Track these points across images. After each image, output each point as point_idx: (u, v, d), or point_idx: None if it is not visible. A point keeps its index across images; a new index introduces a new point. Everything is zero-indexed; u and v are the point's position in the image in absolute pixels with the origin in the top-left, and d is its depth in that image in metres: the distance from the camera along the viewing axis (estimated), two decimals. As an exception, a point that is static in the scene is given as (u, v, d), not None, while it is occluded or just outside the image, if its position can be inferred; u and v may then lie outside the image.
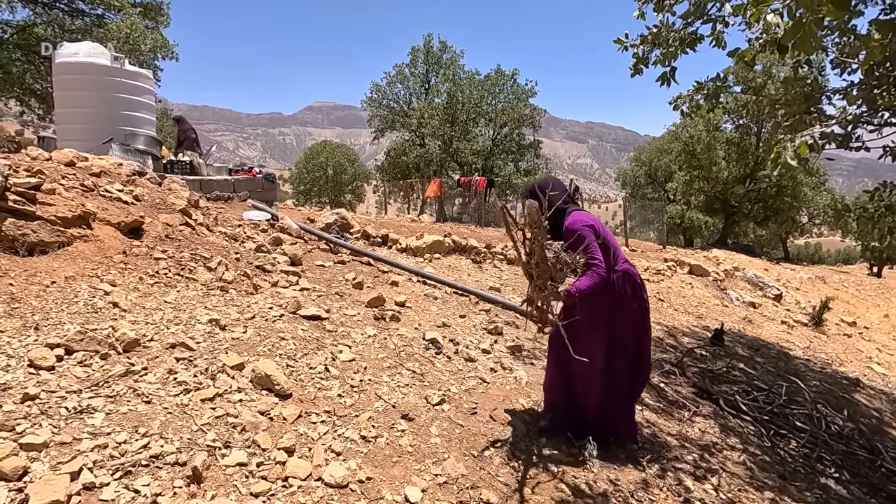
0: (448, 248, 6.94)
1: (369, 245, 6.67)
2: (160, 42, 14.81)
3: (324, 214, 6.96)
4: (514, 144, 27.48)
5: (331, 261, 5.36)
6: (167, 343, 2.39)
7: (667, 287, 8.16)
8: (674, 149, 37.92)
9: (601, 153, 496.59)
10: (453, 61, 26.67)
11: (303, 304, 3.59)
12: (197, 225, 4.65)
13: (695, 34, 3.60)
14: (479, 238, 8.36)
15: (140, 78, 6.37)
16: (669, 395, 3.73)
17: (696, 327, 6.29)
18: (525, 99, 26.45)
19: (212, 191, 6.43)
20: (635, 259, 9.69)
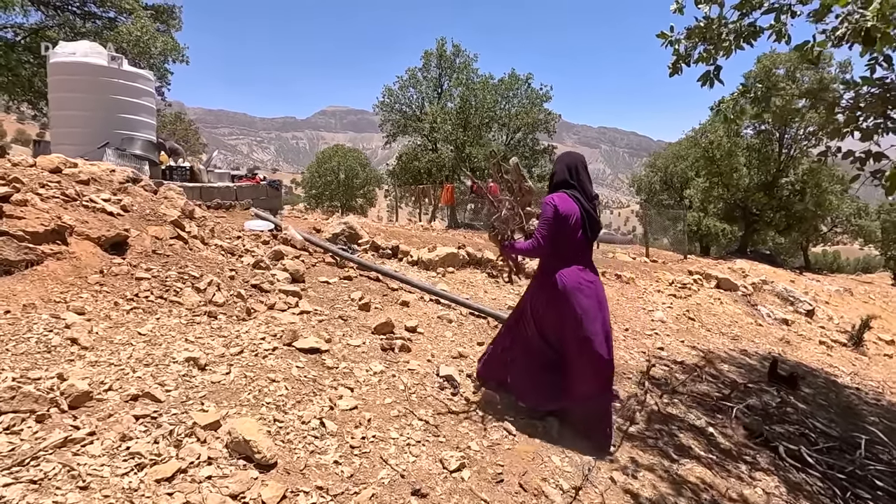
0: (462, 260, 6.49)
1: (378, 257, 6.24)
2: (171, 45, 14.60)
3: (331, 224, 6.55)
4: (527, 150, 27.00)
5: (336, 276, 4.94)
6: (129, 393, 1.97)
7: (695, 304, 7.62)
8: (690, 155, 37.25)
9: (613, 158, 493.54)
10: (466, 65, 26.31)
11: (301, 332, 3.16)
12: (190, 238, 4.26)
13: (753, 26, 3.13)
14: (495, 249, 7.90)
15: (139, 79, 6.04)
16: (721, 442, 3.23)
17: (734, 351, 5.76)
18: (539, 103, 25.99)
19: (212, 198, 6.06)
20: (659, 271, 9.17)
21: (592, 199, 2.71)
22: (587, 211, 2.63)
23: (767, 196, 22.83)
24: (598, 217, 2.70)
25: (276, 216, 6.72)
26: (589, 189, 2.71)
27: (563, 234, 2.58)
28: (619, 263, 9.15)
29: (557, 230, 2.56)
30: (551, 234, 2.58)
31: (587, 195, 2.68)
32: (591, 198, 2.71)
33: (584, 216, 2.61)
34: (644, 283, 8.22)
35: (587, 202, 2.66)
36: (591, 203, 2.69)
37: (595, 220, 2.67)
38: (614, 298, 6.81)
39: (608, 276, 7.96)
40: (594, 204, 2.70)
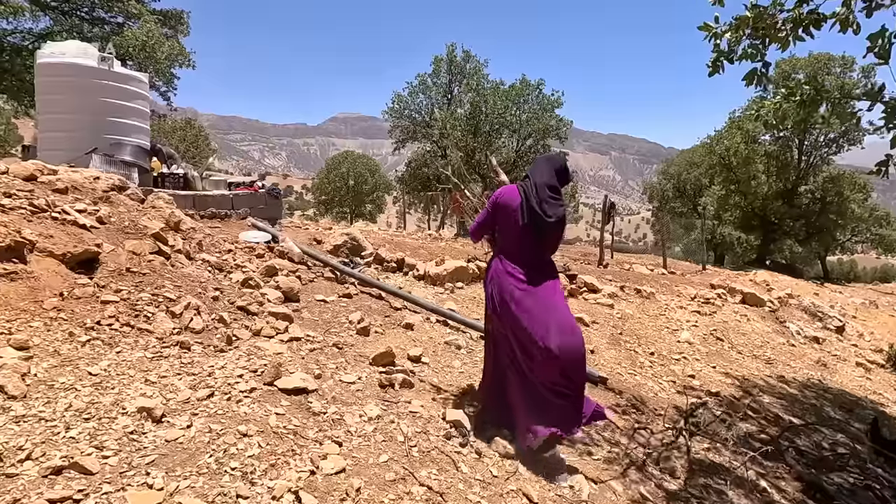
0: (472, 275, 6.06)
1: (382, 271, 5.83)
2: (177, 50, 14.40)
3: (332, 235, 6.16)
4: (538, 156, 26.57)
5: (335, 294, 4.53)
6: (51, 465, 1.55)
7: (722, 321, 7.11)
8: (704, 162, 36.64)
9: (623, 165, 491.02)
10: (477, 71, 25.97)
11: (286, 366, 2.74)
12: (173, 253, 3.87)
13: (816, 14, 2.68)
14: (507, 262, 7.46)
15: (131, 81, 5.70)
16: (775, 499, 2.75)
17: (770, 378, 5.25)
18: (550, 109, 25.56)
19: (206, 207, 5.69)
20: (680, 285, 8.65)
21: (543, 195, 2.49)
22: (530, 204, 2.47)
23: (787, 205, 22.17)
24: (546, 214, 2.47)
25: (276, 226, 6.34)
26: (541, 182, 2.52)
27: (502, 224, 2.58)
28: (637, 276, 8.65)
29: (494, 217, 2.60)
30: (484, 219, 2.66)
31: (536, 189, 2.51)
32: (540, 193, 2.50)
33: (523, 208, 2.48)
34: (665, 299, 7.72)
35: (536, 196, 2.49)
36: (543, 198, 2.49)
37: (537, 215, 2.46)
38: (636, 316, 6.33)
39: (627, 291, 7.48)
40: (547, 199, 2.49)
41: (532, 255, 2.57)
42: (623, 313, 6.26)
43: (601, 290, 6.85)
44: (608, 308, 6.32)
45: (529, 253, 2.56)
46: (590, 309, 6.08)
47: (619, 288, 7.45)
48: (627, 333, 5.47)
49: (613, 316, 6.02)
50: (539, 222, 2.46)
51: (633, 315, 6.34)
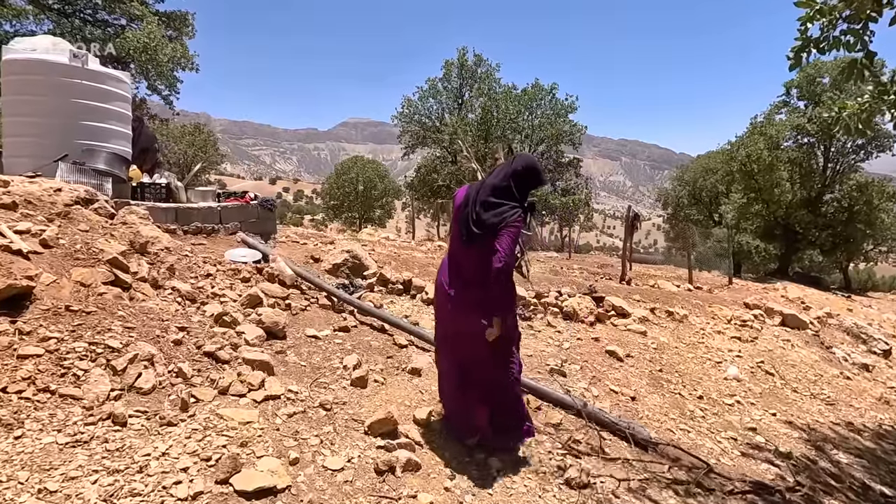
0: (488, 298, 5.37)
1: (387, 294, 5.17)
2: (179, 52, 13.93)
3: (332, 252, 5.52)
4: (551, 162, 25.84)
5: (329, 326, 3.87)
6: None
7: (766, 350, 6.35)
8: (721, 168, 35.62)
9: (634, 171, 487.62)
10: (489, 75, 25.36)
11: (253, 445, 2.08)
12: (135, 282, 3.23)
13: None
14: (525, 280, 6.76)
15: (108, 80, 5.11)
16: None
17: (838, 425, 4.50)
18: (564, 115, 24.87)
19: (191, 221, 5.07)
20: (713, 305, 7.89)
21: (481, 200, 2.33)
22: (466, 204, 2.36)
23: (812, 213, 21.21)
24: (473, 214, 2.31)
25: (270, 241, 5.71)
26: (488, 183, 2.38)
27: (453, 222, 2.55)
28: (665, 296, 7.91)
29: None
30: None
31: (478, 193, 2.37)
32: (480, 197, 2.34)
33: (462, 206, 2.38)
34: (700, 322, 6.98)
35: (474, 198, 2.36)
36: (477, 202, 2.34)
37: (465, 215, 2.34)
38: (672, 345, 5.61)
39: (658, 314, 6.75)
40: (483, 204, 2.32)
41: (461, 252, 2.41)
42: (658, 342, 5.54)
43: (631, 315, 6.13)
44: (640, 336, 5.61)
45: (456, 263, 2.43)
46: (621, 338, 5.37)
47: (649, 311, 6.72)
48: (668, 370, 4.75)
49: (648, 347, 5.29)
50: (465, 230, 2.32)
51: (668, 344, 5.62)
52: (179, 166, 35.47)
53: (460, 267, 2.43)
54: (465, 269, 2.40)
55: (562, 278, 7.92)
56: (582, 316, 5.65)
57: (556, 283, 7.02)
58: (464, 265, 2.41)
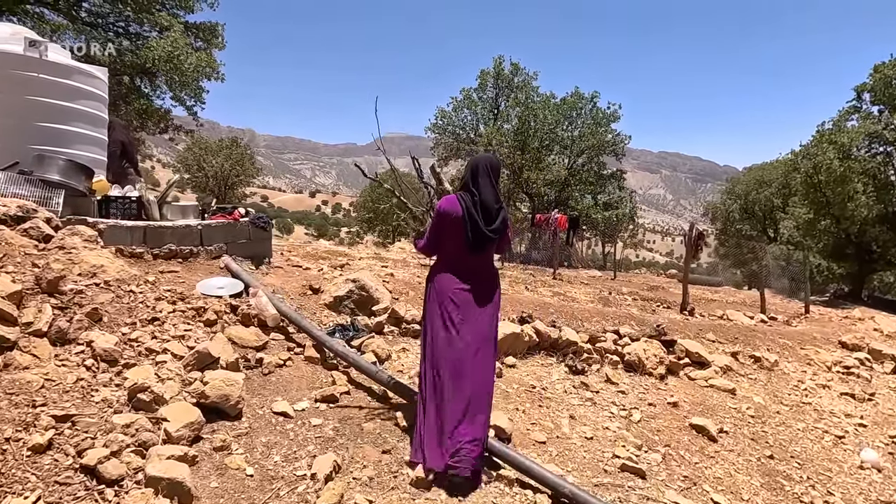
0: (528, 343, 4.21)
1: (400, 336, 4.08)
2: (204, 61, 13.47)
3: (336, 282, 4.48)
4: (592, 174, 24.38)
5: (309, 395, 2.82)
6: None
7: (890, 411, 4.89)
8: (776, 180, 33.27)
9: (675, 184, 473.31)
10: (526, 84, 24.25)
11: None
12: (22, 337, 2.26)
13: None
14: (572, 315, 5.54)
15: (75, 75, 4.30)
16: None
17: None
18: (606, 124, 23.44)
19: (163, 243, 4.15)
20: (805, 346, 6.42)
21: (487, 206, 2.42)
22: (470, 214, 2.39)
23: (892, 230, 18.94)
24: (484, 225, 2.39)
25: (263, 266, 4.73)
26: (484, 193, 2.43)
27: (444, 234, 2.49)
28: (743, 333, 6.49)
29: (439, 229, 2.51)
30: (433, 233, 2.56)
31: (480, 200, 2.42)
32: (485, 204, 2.42)
33: (465, 218, 2.39)
34: (794, 370, 5.58)
35: (476, 206, 2.41)
36: (483, 209, 2.41)
37: (477, 227, 2.38)
38: (770, 408, 4.27)
39: (742, 360, 5.39)
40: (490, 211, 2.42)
41: (472, 265, 2.51)
42: (753, 405, 4.21)
43: (711, 364, 4.82)
44: (729, 396, 4.29)
45: (468, 263, 2.50)
46: (705, 400, 4.08)
47: (730, 356, 5.37)
48: (779, 453, 3.44)
49: (743, 413, 3.98)
50: (477, 233, 2.41)
51: (766, 407, 4.28)
52: (217, 179, 35.96)
53: (469, 270, 2.50)
54: (477, 270, 2.52)
55: (615, 311, 6.63)
56: (650, 367, 4.39)
57: (611, 318, 5.76)
58: (473, 267, 2.51)
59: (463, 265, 2.48)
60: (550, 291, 7.82)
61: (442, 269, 2.53)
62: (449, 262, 2.52)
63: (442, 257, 2.57)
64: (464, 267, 2.48)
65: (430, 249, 2.60)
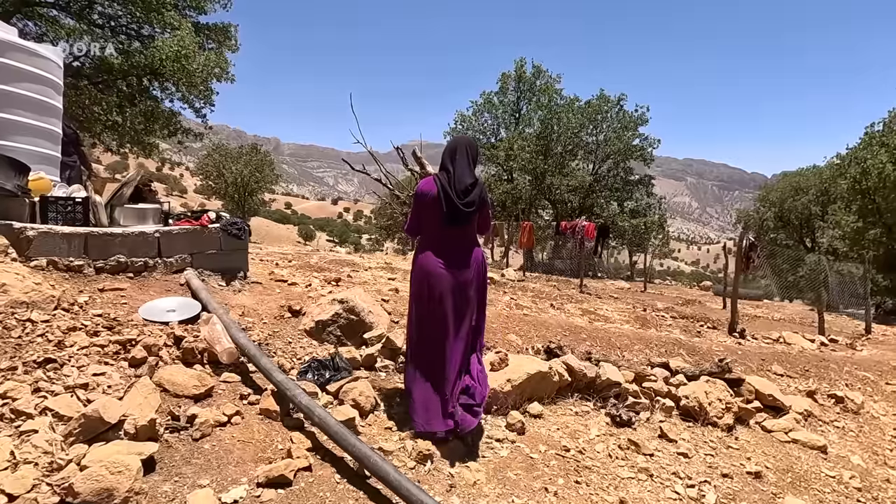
0: (556, 384, 3.31)
1: (396, 373, 3.24)
2: (213, 61, 12.97)
3: (321, 302, 3.65)
4: (618, 180, 23.26)
5: (255, 471, 1.98)
6: None
7: None
8: (813, 187, 31.63)
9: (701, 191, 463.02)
10: (549, 87, 23.33)
11: None
12: None
13: None
14: (609, 342, 4.61)
15: (14, 53, 3.61)
16: None
17: None
18: (633, 128, 22.34)
19: (110, 255, 3.40)
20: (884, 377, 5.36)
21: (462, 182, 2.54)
22: (445, 191, 2.51)
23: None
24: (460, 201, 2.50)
25: (236, 281, 3.94)
26: (458, 170, 2.56)
27: (424, 214, 2.61)
28: (813, 363, 5.45)
29: (419, 209, 2.62)
30: (413, 213, 2.67)
31: (455, 177, 2.54)
32: (460, 180, 2.54)
33: (440, 195, 2.51)
34: (884, 411, 4.54)
35: (451, 183, 2.53)
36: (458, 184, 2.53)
37: (451, 201, 2.50)
38: (878, 476, 3.27)
39: (821, 400, 4.39)
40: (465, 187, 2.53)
41: (451, 242, 2.61)
42: (853, 468, 3.22)
43: (787, 408, 3.84)
44: (819, 455, 3.32)
45: (447, 240, 2.60)
46: (792, 464, 3.11)
47: (806, 396, 4.36)
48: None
49: (846, 484, 3.00)
50: (453, 210, 2.51)
51: (870, 472, 3.28)
52: (236, 185, 35.88)
53: (450, 246, 2.60)
54: (457, 246, 2.62)
55: (657, 334, 5.66)
56: (714, 415, 3.44)
57: (655, 345, 4.81)
58: (453, 243, 2.61)
59: (444, 241, 2.60)
60: (579, 309, 6.88)
61: (425, 248, 2.63)
62: (431, 240, 2.62)
63: (424, 237, 2.66)
64: (445, 243, 2.60)
65: (413, 230, 2.71)
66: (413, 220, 2.68)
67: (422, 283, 2.60)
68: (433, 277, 2.56)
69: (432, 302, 2.56)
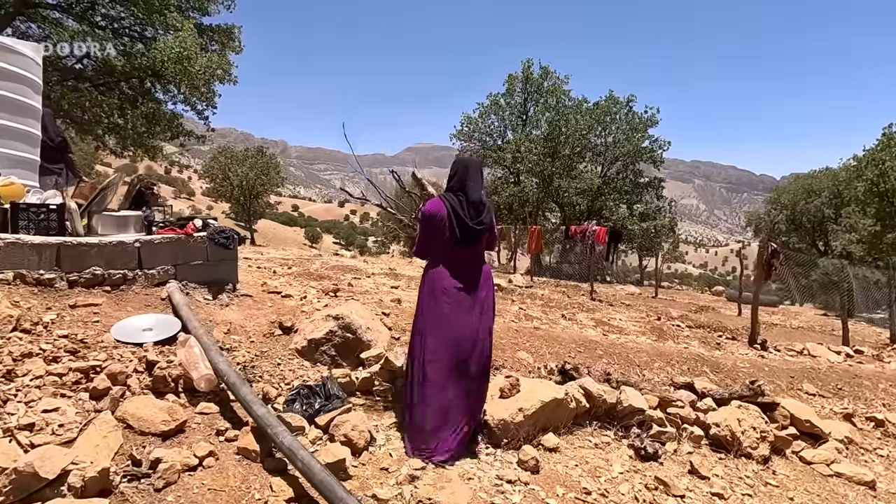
0: (573, 411, 2.98)
1: (395, 395, 2.93)
2: (215, 62, 12.75)
3: (315, 318, 3.35)
4: (627, 183, 22.83)
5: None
6: None
7: None
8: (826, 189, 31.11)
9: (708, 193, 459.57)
10: (556, 88, 22.97)
11: None
12: None
13: None
14: (627, 359, 4.27)
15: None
16: None
17: None
18: (643, 129, 21.92)
19: (84, 267, 3.12)
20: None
21: (475, 204, 2.55)
22: (455, 212, 2.51)
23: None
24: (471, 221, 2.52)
25: (224, 294, 3.65)
26: (472, 193, 2.56)
27: (432, 236, 2.59)
28: (845, 380, 5.07)
29: (427, 232, 2.60)
30: (421, 236, 2.66)
31: (468, 199, 2.55)
32: (473, 202, 2.55)
33: (451, 218, 2.51)
34: (927, 436, 4.15)
35: (462, 205, 2.53)
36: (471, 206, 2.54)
37: (463, 223, 2.51)
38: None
39: (860, 423, 4.03)
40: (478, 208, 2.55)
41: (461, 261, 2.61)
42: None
43: (826, 435, 3.48)
44: (868, 492, 2.97)
45: (456, 259, 2.60)
46: (833, 500, 2.78)
47: (844, 419, 4.01)
48: None
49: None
50: (464, 230, 2.52)
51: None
52: (241, 188, 35.79)
53: (460, 264, 2.60)
54: (467, 264, 2.62)
55: (677, 348, 5.31)
56: (748, 446, 3.10)
57: (676, 361, 4.47)
58: (464, 262, 2.61)
59: (454, 261, 2.60)
60: (592, 319, 6.53)
61: (436, 265, 2.62)
62: (441, 259, 2.61)
63: (435, 256, 2.64)
64: (455, 262, 2.60)
65: (422, 252, 2.69)
66: (421, 243, 2.66)
67: (431, 298, 2.58)
68: (446, 294, 2.55)
69: (441, 317, 2.53)
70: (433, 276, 2.60)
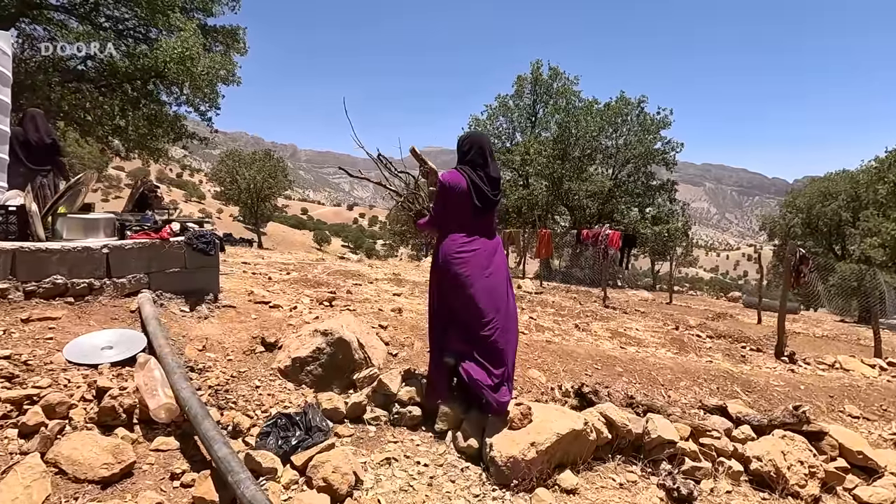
0: (593, 443, 2.59)
1: (387, 428, 2.56)
2: (218, 63, 12.52)
3: (302, 334, 2.99)
4: (639, 185, 22.32)
5: None
6: None
7: None
8: (843, 192, 30.45)
9: (719, 197, 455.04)
10: (566, 89, 22.57)
11: None
12: None
13: None
14: (649, 377, 3.86)
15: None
16: None
17: None
18: (655, 131, 21.43)
19: (44, 275, 2.78)
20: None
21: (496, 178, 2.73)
22: (475, 184, 2.64)
23: None
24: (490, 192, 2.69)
25: (203, 305, 3.30)
26: (493, 171, 2.73)
27: (451, 206, 2.66)
28: (889, 399, 4.61)
29: (445, 201, 2.67)
30: (438, 205, 2.73)
31: (488, 176, 2.70)
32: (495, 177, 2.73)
33: (471, 188, 2.63)
34: None
35: (483, 179, 2.67)
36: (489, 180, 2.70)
37: (483, 193, 2.66)
38: None
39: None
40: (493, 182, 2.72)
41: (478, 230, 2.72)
42: None
43: (882, 469, 3.05)
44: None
45: (474, 228, 2.70)
46: (908, 558, 2.35)
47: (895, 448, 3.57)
48: None
49: None
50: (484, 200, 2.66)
51: None
52: (249, 191, 35.68)
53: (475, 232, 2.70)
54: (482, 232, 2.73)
55: (702, 363, 4.88)
56: (795, 483, 2.69)
57: (703, 379, 4.05)
58: (478, 230, 2.72)
59: (469, 230, 2.68)
60: (607, 330, 6.12)
61: (449, 236, 2.68)
62: (456, 229, 2.68)
63: (447, 229, 2.70)
64: (470, 231, 2.68)
65: (437, 221, 2.75)
66: (438, 211, 2.73)
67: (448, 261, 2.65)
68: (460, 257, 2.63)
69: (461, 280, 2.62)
70: (448, 244, 2.67)
